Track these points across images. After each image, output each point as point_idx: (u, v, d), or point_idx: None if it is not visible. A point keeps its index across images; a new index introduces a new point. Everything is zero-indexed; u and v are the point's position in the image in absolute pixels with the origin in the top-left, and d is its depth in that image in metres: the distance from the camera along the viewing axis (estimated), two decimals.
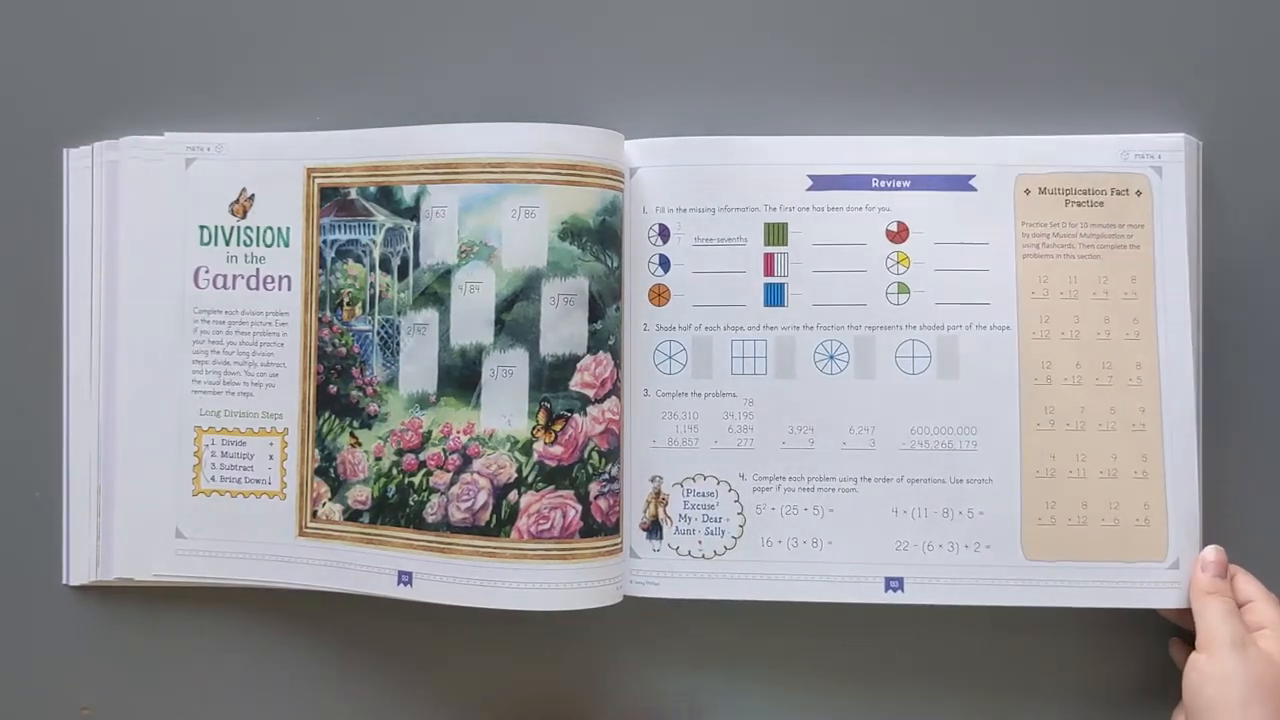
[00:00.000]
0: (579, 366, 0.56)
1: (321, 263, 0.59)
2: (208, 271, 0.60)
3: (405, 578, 0.57)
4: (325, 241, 0.59)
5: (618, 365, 0.57)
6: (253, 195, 0.59)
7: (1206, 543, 0.57)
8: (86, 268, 0.60)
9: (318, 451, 0.59)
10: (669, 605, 0.58)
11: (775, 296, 0.58)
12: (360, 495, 0.58)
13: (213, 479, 0.59)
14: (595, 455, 0.56)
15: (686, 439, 0.58)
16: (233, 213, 0.60)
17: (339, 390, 0.58)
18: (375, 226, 0.58)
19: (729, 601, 0.58)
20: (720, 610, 0.58)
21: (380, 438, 0.58)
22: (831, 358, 0.58)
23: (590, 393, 0.56)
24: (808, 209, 0.58)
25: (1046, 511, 0.57)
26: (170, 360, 0.60)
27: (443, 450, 0.57)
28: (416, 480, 0.57)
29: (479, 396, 0.56)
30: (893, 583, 0.57)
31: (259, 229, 0.59)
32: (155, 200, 0.60)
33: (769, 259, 0.58)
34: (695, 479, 0.58)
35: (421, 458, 0.57)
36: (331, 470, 0.58)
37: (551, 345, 0.56)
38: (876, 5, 0.60)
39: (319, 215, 0.59)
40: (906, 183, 0.58)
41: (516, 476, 0.56)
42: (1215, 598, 0.54)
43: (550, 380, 0.56)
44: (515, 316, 0.56)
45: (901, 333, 0.57)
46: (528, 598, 0.55)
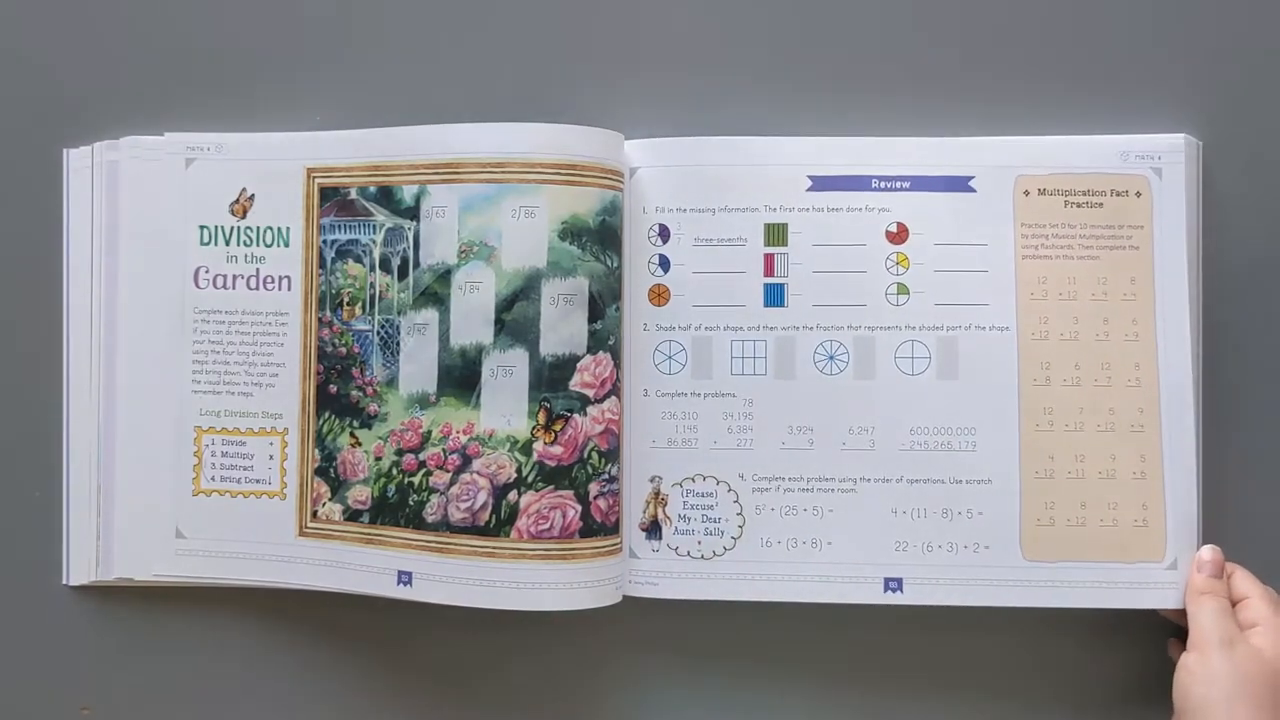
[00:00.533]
0: (579, 366, 0.56)
1: (321, 263, 0.59)
2: (208, 271, 0.60)
3: (405, 578, 0.57)
4: (325, 241, 0.59)
5: (617, 365, 0.57)
6: (253, 195, 0.59)
7: (1206, 543, 0.57)
8: (86, 268, 0.60)
9: (318, 451, 0.59)
10: (668, 605, 0.58)
11: (775, 297, 0.58)
12: (360, 495, 0.58)
13: (213, 479, 0.59)
14: (595, 455, 0.56)
15: (686, 439, 0.58)
16: (233, 213, 0.60)
17: (339, 390, 0.58)
18: (375, 226, 0.58)
19: (728, 601, 0.58)
20: (720, 610, 0.58)
21: (380, 438, 0.58)
22: (831, 358, 0.58)
23: (590, 393, 0.56)
24: (808, 209, 0.58)
25: (1045, 512, 0.57)
26: (170, 360, 0.60)
27: (442, 450, 0.57)
28: (416, 480, 0.57)
29: (479, 396, 0.56)
30: (892, 583, 0.57)
31: (259, 229, 0.59)
32: (155, 200, 0.60)
33: (769, 259, 0.58)
34: (694, 479, 0.58)
35: (421, 458, 0.57)
36: (331, 470, 0.58)
37: (551, 345, 0.56)
38: (878, 6, 0.60)
39: (319, 215, 0.59)
40: (906, 183, 0.58)
41: (516, 476, 0.56)
42: (1208, 597, 0.54)
43: (550, 380, 0.56)
44: (515, 316, 0.56)
45: (901, 333, 0.57)
46: (527, 598, 0.55)
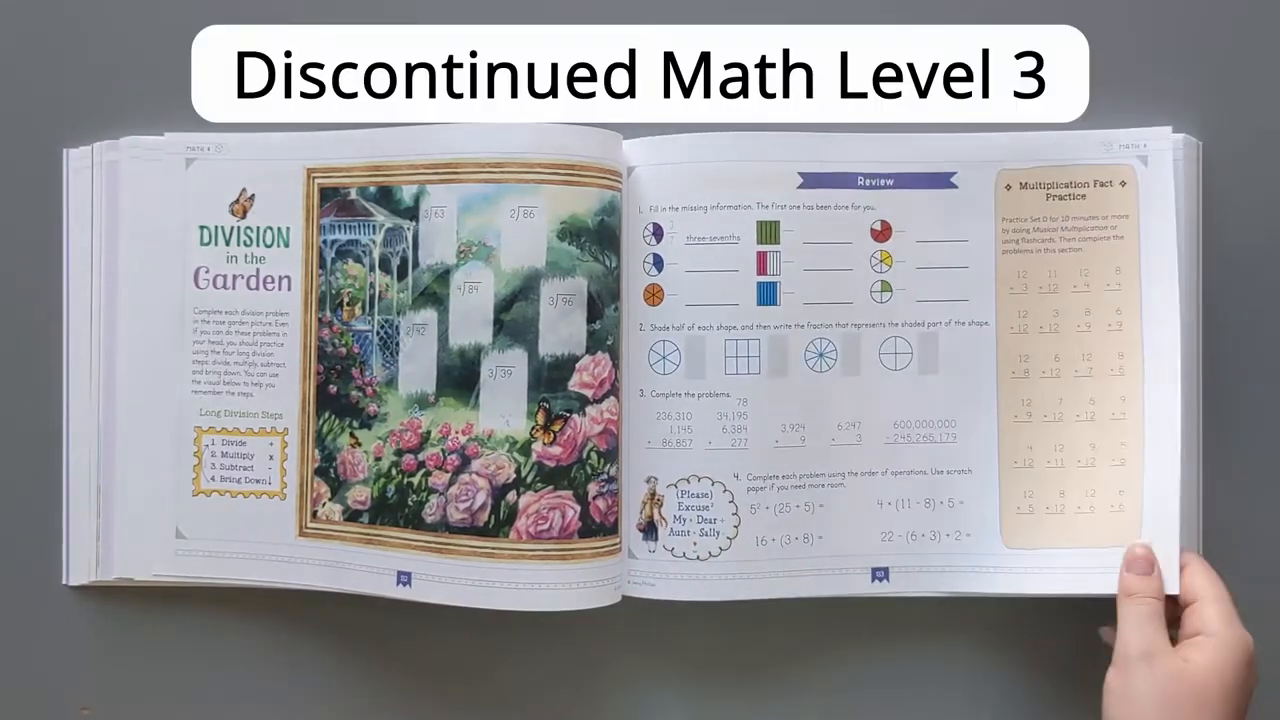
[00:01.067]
0: (577, 367, 0.56)
1: (321, 263, 0.59)
2: (208, 271, 0.60)
3: (404, 578, 0.57)
4: (325, 241, 0.59)
5: (616, 365, 0.57)
6: (253, 195, 0.59)
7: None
8: (86, 268, 0.60)
9: (318, 451, 0.59)
10: (667, 605, 0.58)
11: (768, 295, 0.58)
12: (360, 495, 0.58)
13: (213, 479, 0.59)
14: (594, 455, 0.56)
15: (681, 440, 0.58)
16: (233, 213, 0.60)
17: (339, 390, 0.59)
18: (375, 226, 0.58)
19: (727, 601, 0.58)
20: (719, 610, 0.58)
21: (380, 438, 0.58)
22: (821, 355, 0.58)
23: (589, 393, 0.56)
24: (798, 207, 0.58)
25: (1025, 500, 0.57)
26: (170, 360, 0.60)
27: (441, 450, 0.57)
28: (415, 480, 0.57)
29: (478, 397, 0.56)
30: (878, 573, 0.58)
31: (259, 229, 0.59)
32: (155, 200, 0.60)
33: (761, 257, 0.58)
34: (690, 480, 0.58)
35: (420, 458, 0.57)
36: (331, 470, 0.59)
37: (550, 345, 0.56)
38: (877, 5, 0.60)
39: (319, 215, 0.59)
40: (890, 181, 0.58)
41: (515, 477, 0.56)
42: (1133, 601, 0.52)
43: (549, 380, 0.56)
44: (514, 317, 0.56)
45: (885, 330, 0.58)
46: (526, 598, 0.55)
